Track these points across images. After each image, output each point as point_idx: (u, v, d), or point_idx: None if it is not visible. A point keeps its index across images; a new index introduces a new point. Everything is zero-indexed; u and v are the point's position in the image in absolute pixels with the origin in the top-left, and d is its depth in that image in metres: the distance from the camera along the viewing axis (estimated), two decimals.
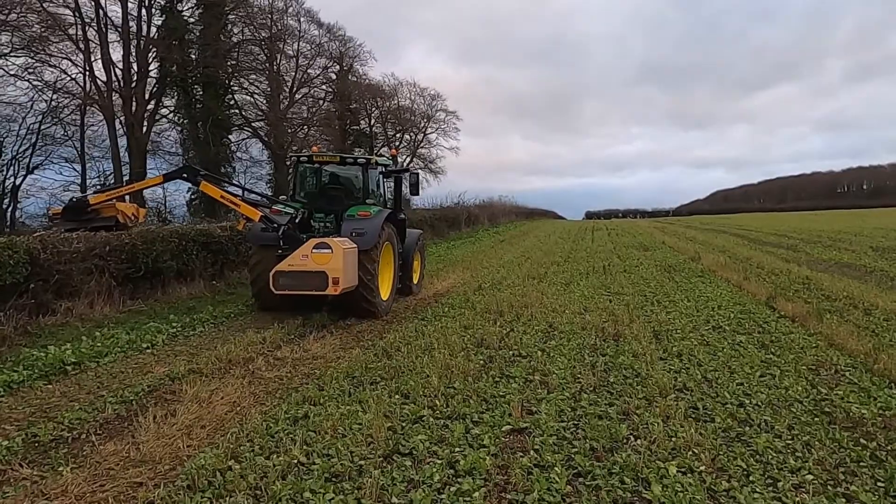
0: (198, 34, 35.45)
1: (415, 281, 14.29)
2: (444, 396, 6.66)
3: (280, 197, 14.45)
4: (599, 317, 11.12)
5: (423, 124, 62.90)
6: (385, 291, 11.78)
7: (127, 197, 28.81)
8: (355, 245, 10.51)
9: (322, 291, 10.03)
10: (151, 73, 30.92)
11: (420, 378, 7.29)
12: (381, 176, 13.09)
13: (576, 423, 5.98)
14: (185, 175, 11.95)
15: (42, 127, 24.49)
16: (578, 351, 8.74)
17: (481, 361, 8.11)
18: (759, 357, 8.32)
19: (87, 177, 28.86)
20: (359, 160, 12.31)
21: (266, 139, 43.30)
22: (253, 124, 42.34)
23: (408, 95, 62.01)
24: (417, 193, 15.02)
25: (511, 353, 8.61)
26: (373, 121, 59.96)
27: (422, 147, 63.49)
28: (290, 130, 44.41)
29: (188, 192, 35.77)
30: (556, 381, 7.25)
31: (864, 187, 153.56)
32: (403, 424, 5.87)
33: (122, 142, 30.48)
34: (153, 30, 31.47)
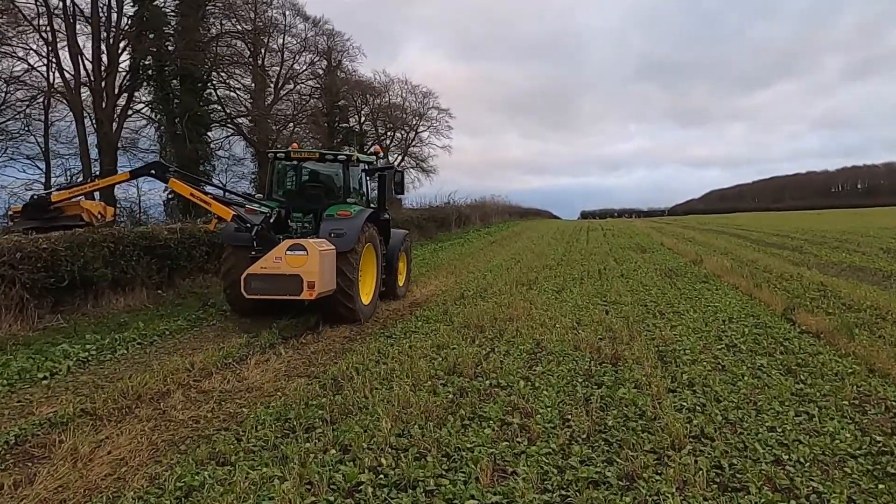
0: (175, 25, 33.85)
1: (400, 283, 13.67)
2: (395, 450, 5.15)
3: (255, 195, 13.11)
4: (595, 332, 9.63)
5: (414, 122, 61.45)
6: (367, 295, 11.20)
7: (96, 195, 27.31)
8: (333, 247, 9.89)
9: (296, 296, 9.38)
10: (122, 66, 29.25)
11: (369, 421, 5.78)
12: (363, 174, 12.45)
13: (564, 493, 4.49)
14: (153, 172, 11.18)
15: None
16: (569, 380, 7.24)
17: (450, 395, 6.60)
18: (789, 387, 6.84)
19: (52, 175, 27.21)
20: (339, 157, 11.73)
21: (249, 136, 41.73)
22: (236, 120, 40.74)
23: (399, 93, 60.51)
24: (402, 192, 14.21)
25: (488, 382, 7.11)
26: (362, 118, 58.44)
27: (413, 146, 62.02)
28: (274, 127, 42.83)
29: (164, 190, 34.14)
30: (540, 424, 5.75)
31: (859, 186, 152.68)
32: (331, 500, 4.35)
33: (92, 139, 28.74)
34: (125, 20, 29.72)
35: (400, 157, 60.75)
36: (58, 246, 9.52)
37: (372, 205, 12.45)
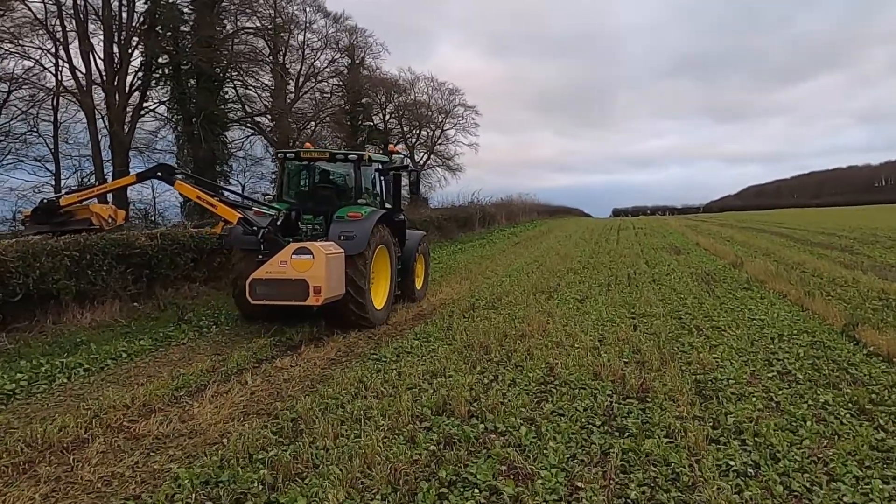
0: (191, 23, 33.07)
1: (418, 286, 13.25)
2: None
3: (265, 197, 12.32)
4: (619, 355, 8.19)
5: (440, 120, 60.22)
6: (380, 300, 10.84)
7: (109, 197, 26.58)
8: (342, 250, 9.54)
9: (302, 301, 8.98)
10: (133, 64, 28.51)
11: (317, 488, 4.47)
12: (377, 174, 12.06)
13: None
14: (159, 174, 10.78)
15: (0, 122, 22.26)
16: (584, 423, 5.84)
17: (431, 447, 5.26)
18: (866, 438, 5.34)
19: (62, 177, 26.55)
20: (350, 156, 11.38)
21: (269, 135, 40.89)
22: (256, 119, 39.91)
23: (425, 90, 59.33)
24: (418, 192, 13.89)
25: (482, 427, 5.75)
26: (387, 116, 57.35)
27: (439, 144, 60.79)
28: (295, 126, 41.94)
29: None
30: (540, 496, 4.38)
31: None
32: None
33: (105, 140, 28.05)
34: (136, 17, 28.97)
35: (426, 156, 59.65)
36: (6, 256, 8.41)
37: (387, 205, 12.05)
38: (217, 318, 10.71)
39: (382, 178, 12.26)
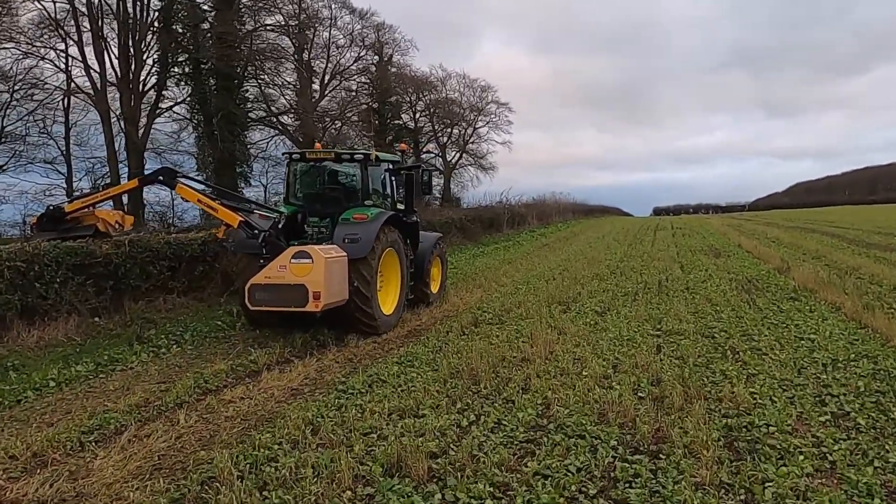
0: (211, 21, 32.44)
1: (433, 290, 12.89)
2: None
3: (272, 199, 11.71)
4: (633, 387, 6.75)
5: (472, 118, 58.96)
6: (389, 304, 10.51)
7: (125, 199, 25.93)
8: (344, 253, 9.19)
9: (301, 308, 8.62)
10: (147, 63, 27.88)
11: None
12: (386, 174, 11.72)
13: None
14: (161, 178, 10.45)
15: (6, 124, 21.72)
16: (574, 493, 4.46)
17: None
18: None
19: (74, 179, 26.06)
20: (356, 156, 11.03)
21: (294, 136, 40.13)
22: (280, 119, 39.19)
23: (456, 87, 58.17)
24: (430, 192, 13.56)
25: (439, 497, 4.41)
26: (417, 114, 56.29)
27: (471, 142, 59.53)
28: (320, 125, 41.11)
29: (208, 190, 32.74)
30: None
31: None
32: None
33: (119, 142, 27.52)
34: (152, 14, 28.39)
35: (458, 155, 58.49)
36: None
37: (399, 206, 11.75)
38: (181, 335, 9.59)
39: (393, 178, 11.88)
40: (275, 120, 39.40)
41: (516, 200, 38.72)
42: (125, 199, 26.80)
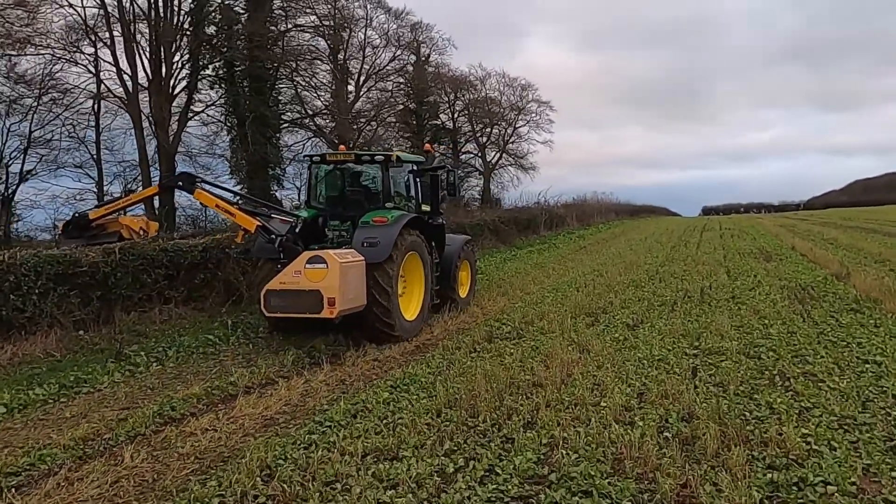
0: (242, 22, 32.18)
1: (462, 295, 12.49)
2: None
3: (293, 203, 11.50)
4: (659, 425, 5.67)
5: (512, 117, 57.86)
6: (411, 310, 10.23)
7: (155, 202, 25.73)
8: (361, 258, 9.01)
9: (317, 314, 8.43)
10: (178, 66, 27.70)
11: None
12: (410, 175, 11.50)
13: None
14: (180, 183, 10.62)
15: (33, 129, 21.70)
16: None
17: None
18: None
19: (105, 183, 25.96)
20: (376, 157, 10.91)
21: (329, 137, 39.70)
22: (316, 121, 38.79)
23: (496, 86, 57.19)
24: (455, 195, 13.14)
25: None
26: (456, 114, 55.45)
27: (511, 142, 58.43)
28: (355, 127, 40.61)
29: (234, 197, 32.55)
30: None
31: None
32: None
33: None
34: (183, 17, 28.20)
35: (497, 155, 57.47)
36: None
37: (424, 208, 11.48)
38: (165, 351, 8.84)
39: (418, 179, 11.60)
40: (309, 122, 39.04)
41: (555, 201, 37.44)
42: (156, 203, 26.78)
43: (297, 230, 9.67)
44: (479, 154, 56.91)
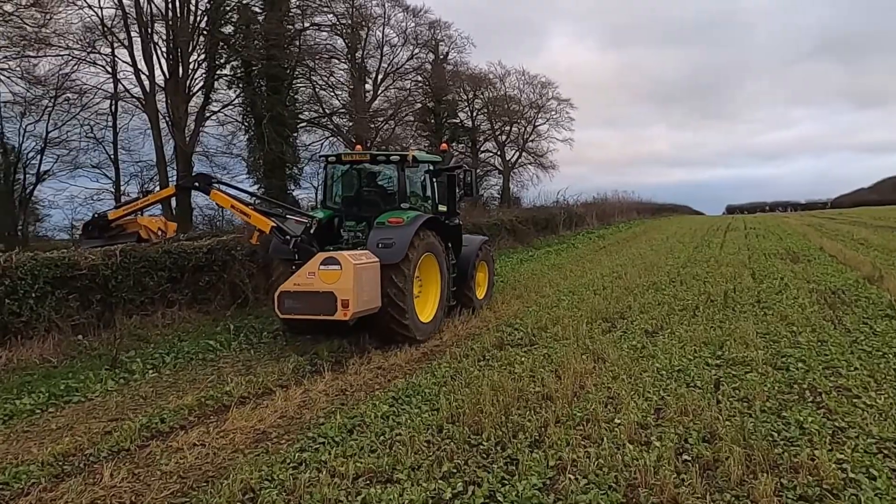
0: (261, 21, 32.04)
1: (479, 296, 12.44)
2: None
3: (309, 204, 11.39)
4: (678, 444, 5.21)
5: (531, 115, 57.29)
6: (427, 312, 10.14)
7: (173, 202, 25.68)
8: (376, 259, 8.94)
9: (330, 316, 8.39)
10: (194, 65, 27.60)
11: None
12: (426, 175, 11.34)
13: None
14: (196, 184, 10.58)
15: (50, 129, 21.71)
16: None
17: None
18: None
19: (122, 183, 25.96)
20: (392, 157, 10.81)
21: (347, 136, 39.48)
22: (334, 120, 38.57)
23: (516, 84, 56.70)
24: (472, 195, 12.41)
25: None
26: (475, 113, 55.04)
27: (531, 140, 57.88)
28: (373, 126, 40.35)
29: (250, 198, 32.52)
30: None
31: None
32: None
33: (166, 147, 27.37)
34: (199, 16, 28.11)
35: (517, 154, 56.97)
36: None
37: (441, 208, 11.39)
38: (163, 358, 8.54)
39: (434, 179, 11.45)
40: (327, 121, 38.85)
41: (575, 200, 36.81)
42: (174, 203, 26.74)
43: (311, 231, 9.58)
44: (499, 153, 56.48)
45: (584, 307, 11.77)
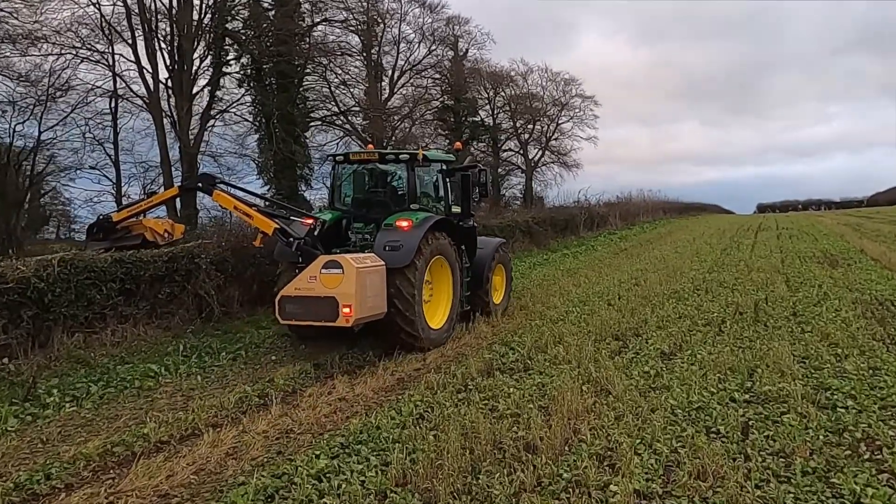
0: (270, 17, 31.09)
1: (496, 301, 11.96)
2: None
3: (316, 206, 10.60)
4: None
5: (554, 113, 55.85)
6: (438, 318, 9.76)
7: (177, 206, 24.82)
8: (381, 263, 8.64)
9: (332, 322, 8.10)
10: (196, 61, 26.68)
11: None
12: (439, 175, 11.03)
13: None
14: (199, 185, 10.61)
15: (42, 129, 20.91)
16: None
17: None
18: None
19: (123, 184, 25.15)
20: (401, 156, 10.50)
21: (364, 136, 38.42)
22: (349, 118, 37.51)
23: (538, 82, 55.36)
24: (487, 195, 12.19)
25: None
26: (496, 111, 53.78)
27: (554, 139, 56.45)
28: (389, 124, 39.23)
29: (257, 199, 31.64)
30: None
31: None
32: None
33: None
34: (204, 13, 27.19)
35: (540, 153, 55.59)
36: None
37: (455, 209, 11.00)
38: (89, 386, 7.36)
39: (448, 179, 11.11)
40: (342, 119, 37.83)
41: (596, 199, 35.23)
42: (178, 204, 25.88)
43: (316, 233, 9.28)
44: (521, 151, 55.15)
45: (594, 322, 10.39)
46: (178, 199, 22.80)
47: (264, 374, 7.90)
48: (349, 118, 38.05)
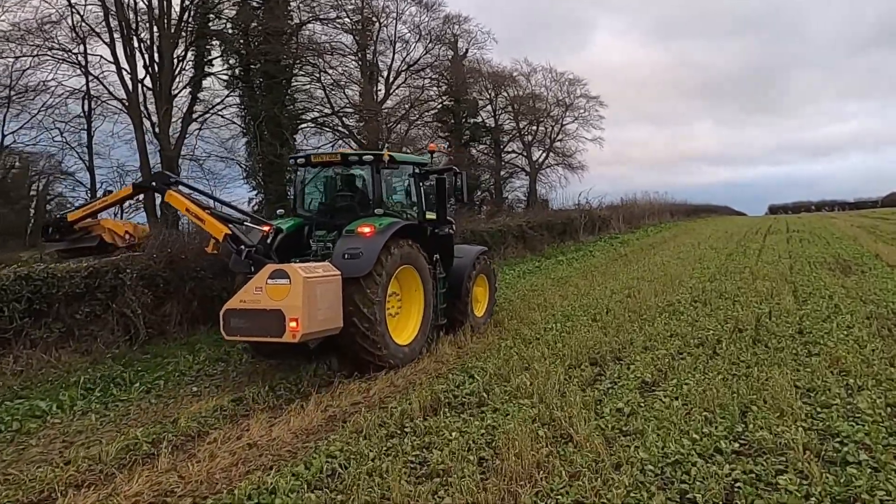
0: (261, 18, 30.13)
1: (478, 314, 11.22)
2: None
3: (277, 211, 10.45)
4: None
5: (558, 114, 54.73)
6: (407, 333, 9.20)
7: (160, 209, 23.85)
8: (336, 272, 7.98)
9: (278, 338, 7.36)
10: (175, 61, 25.74)
11: None
12: (411, 178, 10.47)
13: None
14: (153, 184, 10.06)
15: (5, 132, 19.99)
16: None
17: None
18: None
19: (97, 190, 24.20)
20: (365, 157, 9.92)
21: (359, 138, 37.39)
22: (343, 120, 36.48)
23: (542, 82, 54.29)
24: (465, 199, 11.60)
25: None
26: (498, 112, 52.72)
27: (558, 140, 55.30)
28: (385, 126, 38.20)
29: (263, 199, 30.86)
30: None
31: None
32: None
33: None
34: (184, 12, 26.27)
35: (544, 154, 54.49)
36: None
37: (429, 215, 10.44)
38: None
39: (421, 183, 10.53)
40: (336, 121, 36.83)
41: (598, 202, 33.97)
42: (157, 205, 24.92)
43: (270, 240, 8.72)
44: (524, 153, 54.07)
45: (572, 342, 9.18)
46: (137, 199, 21.83)
47: (172, 412, 6.77)
48: (343, 120, 37.06)
